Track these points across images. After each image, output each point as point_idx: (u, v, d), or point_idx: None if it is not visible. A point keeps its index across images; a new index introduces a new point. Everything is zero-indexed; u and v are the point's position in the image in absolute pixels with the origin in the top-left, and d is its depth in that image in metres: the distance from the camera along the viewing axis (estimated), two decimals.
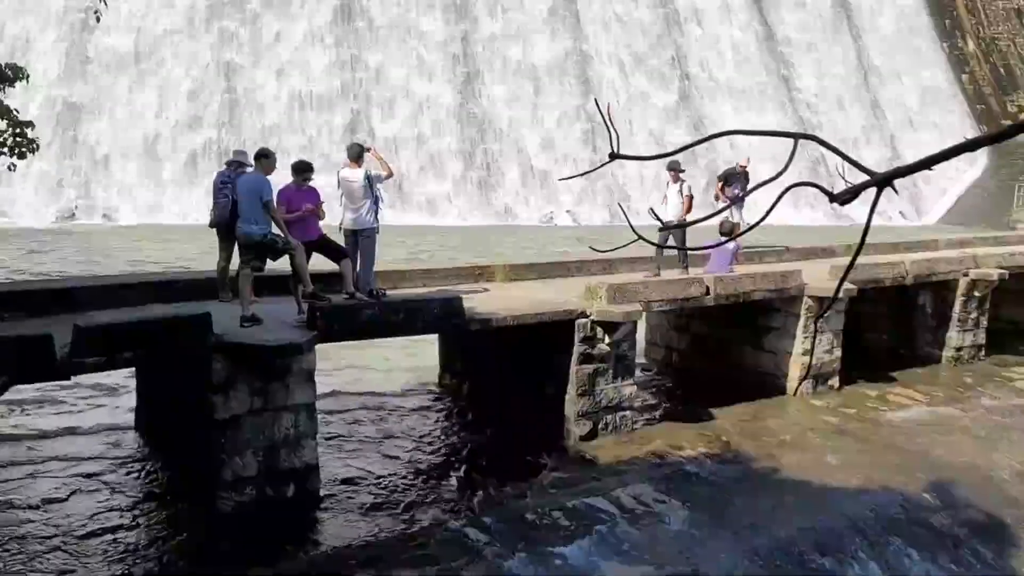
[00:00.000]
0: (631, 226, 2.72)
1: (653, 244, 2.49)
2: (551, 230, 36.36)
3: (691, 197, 11.71)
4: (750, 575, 6.92)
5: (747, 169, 13.04)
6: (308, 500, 7.53)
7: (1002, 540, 7.83)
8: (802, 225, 37.18)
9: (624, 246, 2.68)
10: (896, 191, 2.30)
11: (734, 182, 13.00)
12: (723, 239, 10.34)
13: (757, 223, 2.44)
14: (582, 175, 11.29)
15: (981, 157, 47.83)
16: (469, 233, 32.48)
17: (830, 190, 2.29)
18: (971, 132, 47.66)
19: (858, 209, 42.48)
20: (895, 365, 12.94)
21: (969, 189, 47.15)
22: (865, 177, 2.27)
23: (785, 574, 6.98)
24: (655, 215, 9.31)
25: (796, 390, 11.21)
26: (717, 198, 12.67)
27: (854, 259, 2.54)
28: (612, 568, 6.82)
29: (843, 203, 2.52)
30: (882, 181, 2.25)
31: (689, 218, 11.33)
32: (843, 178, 2.40)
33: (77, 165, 34.10)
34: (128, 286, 8.59)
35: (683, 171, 11.81)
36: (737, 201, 12.20)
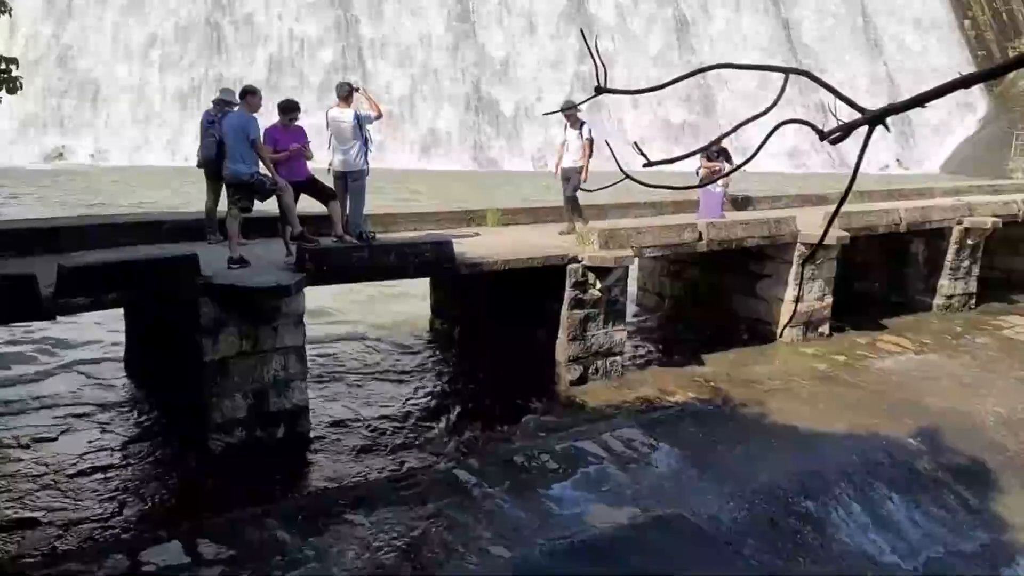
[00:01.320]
0: (619, 166, 2.66)
1: (644, 184, 2.42)
2: (545, 175, 36.11)
3: (591, 141, 10.61)
4: (736, 517, 7.01)
5: (723, 146, 12.88)
6: (298, 442, 7.58)
7: (984, 484, 7.95)
8: (799, 174, 36.97)
9: (611, 185, 2.61)
10: (888, 129, 2.24)
11: (715, 158, 12.84)
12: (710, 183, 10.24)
13: (746, 161, 2.38)
14: (570, 108, 10.28)
15: (979, 106, 47.39)
16: (461, 177, 32.22)
17: (821, 128, 2.22)
18: None
19: (853, 154, 42.20)
20: (886, 313, 12.97)
21: (967, 139, 46.78)
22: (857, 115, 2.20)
23: (770, 517, 7.08)
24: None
25: (781, 332, 11.19)
26: (697, 173, 12.45)
27: (844, 198, 2.49)
28: (599, 509, 6.90)
29: (834, 142, 2.46)
30: (874, 119, 2.18)
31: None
32: (835, 116, 2.33)
33: (63, 105, 33.54)
34: (114, 227, 8.48)
35: (580, 110, 10.74)
36: (722, 175, 12.08)
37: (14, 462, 6.95)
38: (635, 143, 2.10)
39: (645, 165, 2.12)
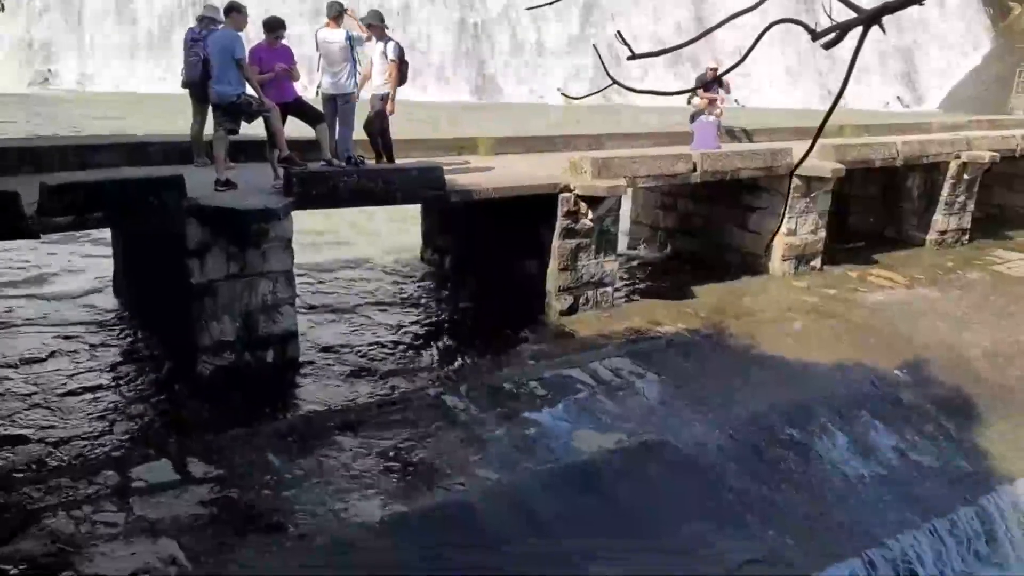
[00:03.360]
0: (606, 71, 2.57)
1: (630, 89, 2.35)
2: (540, 108, 35.56)
3: (398, 62, 8.74)
4: (721, 445, 7.10)
5: (717, 73, 12.64)
6: (288, 366, 7.60)
7: (966, 415, 8.05)
8: (797, 108, 36.49)
9: (599, 91, 2.54)
10: (884, 31, 2.15)
11: (711, 88, 12.63)
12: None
13: (738, 63, 2.29)
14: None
15: (983, 43, 46.58)
16: (454, 110, 31.71)
17: (814, 28, 2.14)
18: None
19: (854, 91, 41.66)
20: (879, 248, 12.96)
21: (969, 75, 46.10)
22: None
23: (754, 444, 7.17)
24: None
25: (767, 247, 11.10)
26: (689, 102, 12.22)
27: (832, 107, 2.42)
28: (585, 435, 6.97)
29: (828, 46, 2.38)
30: (869, 18, 2.10)
31: (398, 92, 8.90)
32: (829, 16, 2.24)
33: (48, 28, 32.69)
34: (100, 148, 8.34)
35: (388, 27, 9.04)
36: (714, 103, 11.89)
37: (3, 381, 6.96)
38: (618, 32, 2.02)
39: (629, 58, 2.04)
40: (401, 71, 8.83)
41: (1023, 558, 7.11)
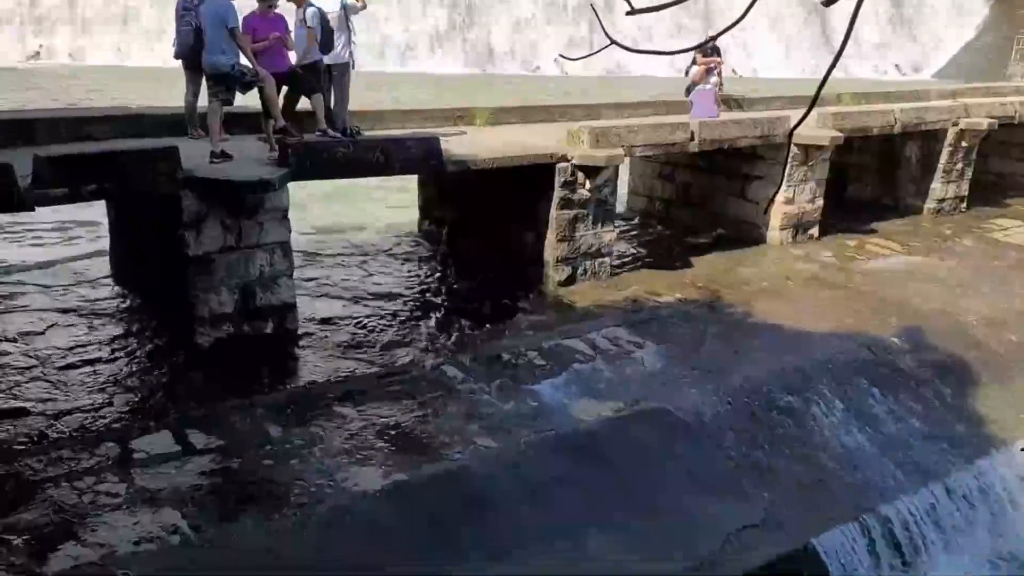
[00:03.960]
0: (604, 31, 2.54)
1: (627, 49, 2.32)
2: (536, 80, 35.34)
3: (318, 29, 8.18)
4: (718, 411, 7.13)
5: (716, 44, 12.55)
6: (286, 337, 7.61)
7: (963, 380, 8.08)
8: (796, 77, 36.26)
9: (598, 51, 2.51)
10: None
11: (709, 53, 12.54)
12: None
13: (735, 23, 2.27)
14: None
15: (981, 11, 46.20)
16: (449, 82, 31.49)
17: None
18: None
19: (853, 60, 41.39)
20: (877, 216, 12.94)
21: (968, 44, 45.82)
22: None
23: (751, 411, 7.20)
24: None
25: (765, 210, 11.04)
26: (686, 73, 12.13)
27: (830, 70, 2.39)
28: (584, 403, 7.00)
29: (828, 3, 2.36)
30: None
31: (329, 59, 8.37)
32: None
33: (40, 3, 32.34)
34: (93, 120, 8.27)
35: None
36: (712, 71, 11.80)
37: (3, 355, 6.96)
38: None
39: (628, 13, 2.01)
40: (324, 38, 8.30)
41: (1020, 520, 7.18)
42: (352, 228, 12.04)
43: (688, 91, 11.61)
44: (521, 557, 5.34)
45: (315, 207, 12.91)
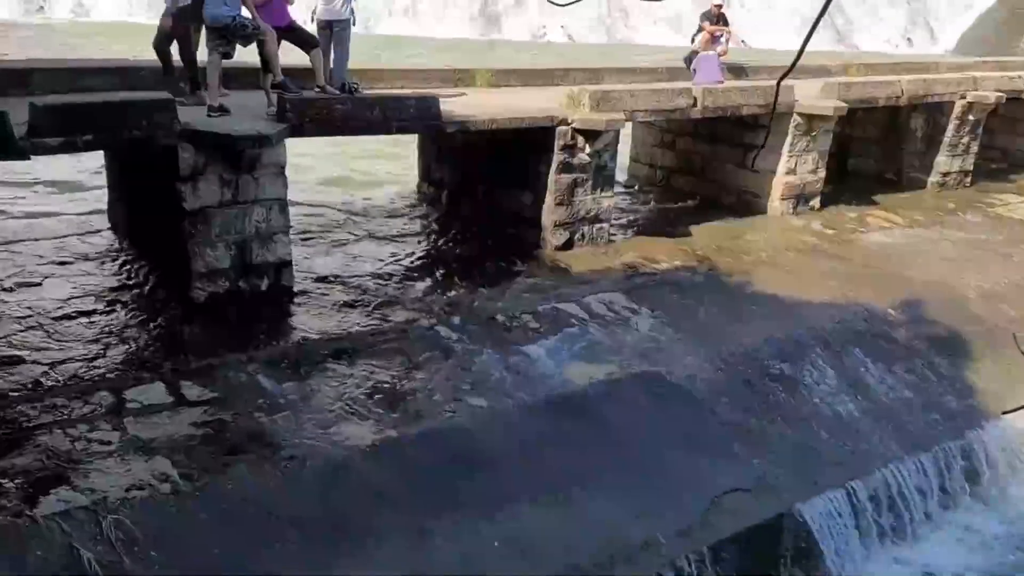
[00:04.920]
0: None
1: None
2: (542, 46, 35.00)
3: None
4: (711, 377, 7.16)
5: (722, 10, 12.40)
6: (282, 295, 7.61)
7: (958, 353, 8.10)
8: (808, 50, 35.82)
9: None
10: None
11: (715, 21, 12.41)
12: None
13: None
14: None
15: None
16: (452, 46, 31.17)
17: None
18: None
19: (865, 34, 40.94)
20: (880, 189, 12.88)
21: (980, 17, 45.23)
22: None
23: (745, 378, 7.23)
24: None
25: (752, 162, 10.97)
26: (693, 40, 12.00)
27: (812, 30, 2.36)
28: (577, 367, 7.02)
29: None
30: None
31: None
32: None
33: None
34: (91, 71, 8.20)
35: None
36: (717, 40, 11.69)
37: None
38: None
39: None
40: None
41: (1006, 492, 7.24)
42: (352, 188, 12.00)
43: (688, 59, 11.50)
44: (510, 512, 5.40)
45: (316, 166, 12.88)
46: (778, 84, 3.30)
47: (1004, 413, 6.77)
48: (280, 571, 4.63)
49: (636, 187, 12.92)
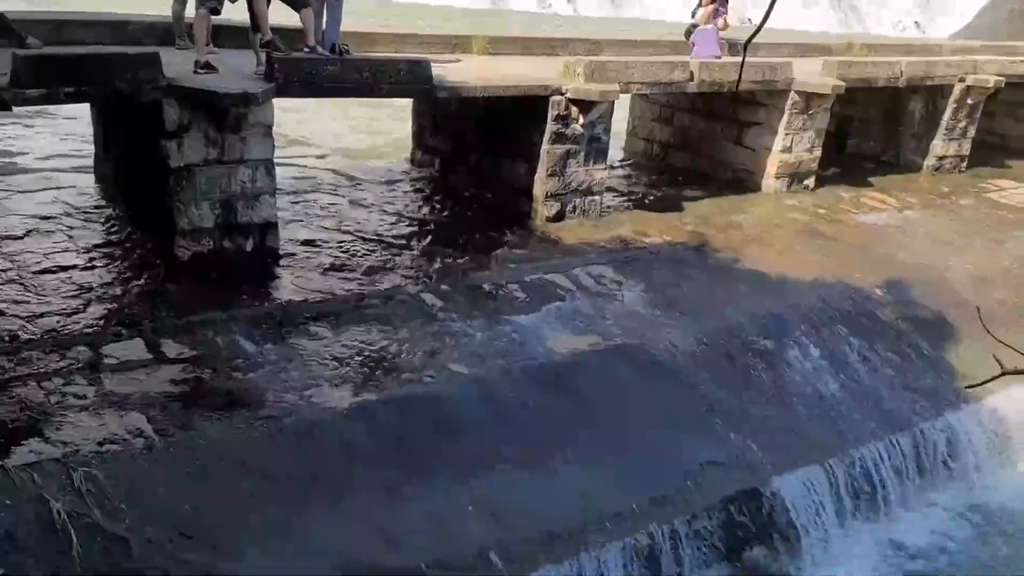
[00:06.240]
0: None
1: None
2: (547, 18, 34.66)
3: None
4: (694, 351, 7.15)
5: None
6: (267, 256, 7.57)
7: (941, 334, 8.10)
8: (808, 30, 35.54)
9: None
10: None
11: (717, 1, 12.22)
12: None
13: None
14: None
15: None
16: (453, 14, 30.83)
17: None
18: None
19: (872, 16, 40.55)
20: (875, 171, 12.82)
21: (992, 2, 44.82)
22: None
23: (727, 352, 7.22)
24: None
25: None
26: (694, 15, 11.85)
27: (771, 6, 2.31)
28: (561, 337, 7.01)
29: None
30: None
31: None
32: None
33: None
34: (78, 24, 8.09)
35: None
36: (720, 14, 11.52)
37: None
38: None
39: None
40: None
41: (983, 472, 7.27)
42: (344, 154, 11.91)
43: (688, 33, 11.38)
44: (484, 478, 5.41)
45: (308, 131, 12.78)
46: (744, 47, 3.25)
47: (967, 387, 6.74)
48: (250, 524, 4.65)
49: (632, 161, 12.84)
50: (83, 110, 9.09)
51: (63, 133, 10.73)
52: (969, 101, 12.74)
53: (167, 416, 5.20)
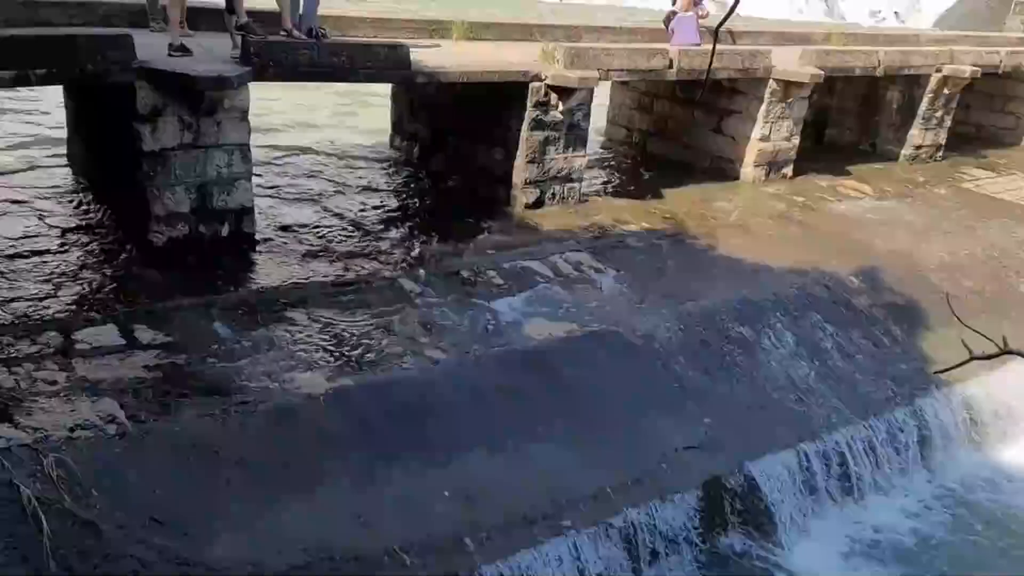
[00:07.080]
0: None
1: None
2: (530, 3, 34.43)
3: None
4: (670, 337, 7.17)
5: None
6: (243, 242, 7.52)
7: (914, 321, 8.19)
8: (788, 19, 35.60)
9: None
10: None
11: None
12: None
13: None
14: None
15: None
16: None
17: None
18: None
19: (850, 4, 40.68)
20: (853, 160, 12.92)
21: None
22: None
23: (703, 338, 7.26)
24: None
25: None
26: (673, 1, 11.85)
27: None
28: (538, 323, 7.02)
29: None
30: None
31: None
32: None
33: None
34: (50, 4, 7.93)
35: None
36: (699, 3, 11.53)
37: None
38: None
39: None
40: None
41: (954, 456, 7.37)
42: (323, 140, 11.83)
43: (667, 20, 11.37)
44: (460, 461, 5.42)
45: (286, 116, 12.68)
46: (716, 31, 3.25)
47: (936, 372, 6.82)
48: (224, 510, 4.63)
49: (611, 149, 12.86)
50: (56, 93, 8.96)
51: (36, 116, 10.58)
52: (946, 91, 12.85)
53: (140, 402, 5.16)
